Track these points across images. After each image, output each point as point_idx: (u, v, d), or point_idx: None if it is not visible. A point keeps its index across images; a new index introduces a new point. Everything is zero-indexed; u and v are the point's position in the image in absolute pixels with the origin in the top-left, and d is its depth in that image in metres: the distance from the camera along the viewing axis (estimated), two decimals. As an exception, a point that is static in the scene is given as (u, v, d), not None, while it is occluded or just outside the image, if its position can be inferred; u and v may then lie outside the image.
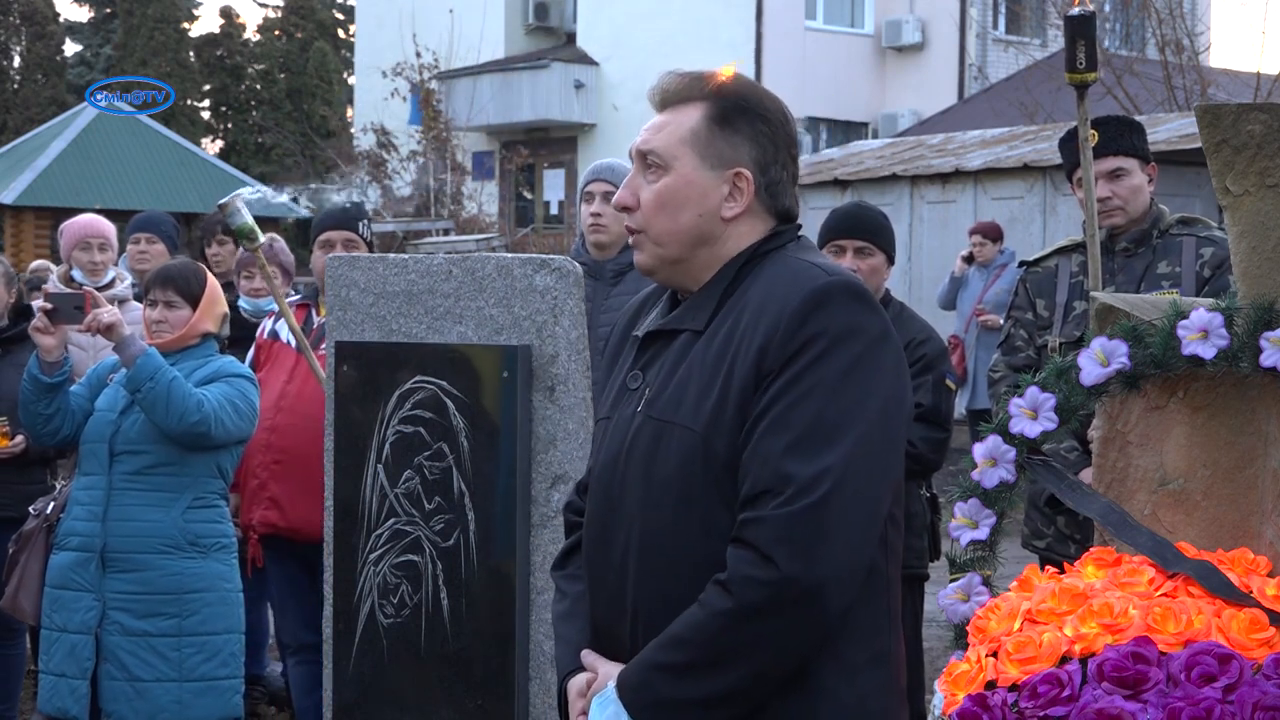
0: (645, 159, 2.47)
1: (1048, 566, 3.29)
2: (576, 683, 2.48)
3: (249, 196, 5.20)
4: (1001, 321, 5.45)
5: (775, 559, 2.21)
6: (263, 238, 5.38)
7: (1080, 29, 4.17)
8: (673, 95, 2.49)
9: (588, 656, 2.46)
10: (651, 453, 2.38)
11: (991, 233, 11.99)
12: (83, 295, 4.80)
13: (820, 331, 2.29)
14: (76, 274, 6.26)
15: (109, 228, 6.45)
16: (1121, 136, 4.84)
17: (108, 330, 4.67)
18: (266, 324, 5.53)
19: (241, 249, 6.29)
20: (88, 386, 4.93)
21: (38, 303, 4.83)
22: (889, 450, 2.33)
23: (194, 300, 4.84)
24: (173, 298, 4.83)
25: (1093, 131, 4.65)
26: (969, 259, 12.01)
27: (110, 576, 4.68)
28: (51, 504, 4.98)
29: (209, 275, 4.95)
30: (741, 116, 2.45)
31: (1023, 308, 4.97)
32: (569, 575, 2.62)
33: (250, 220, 5.14)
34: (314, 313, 5.39)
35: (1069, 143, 4.97)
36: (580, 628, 2.53)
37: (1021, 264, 5.21)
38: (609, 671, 2.39)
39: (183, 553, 4.71)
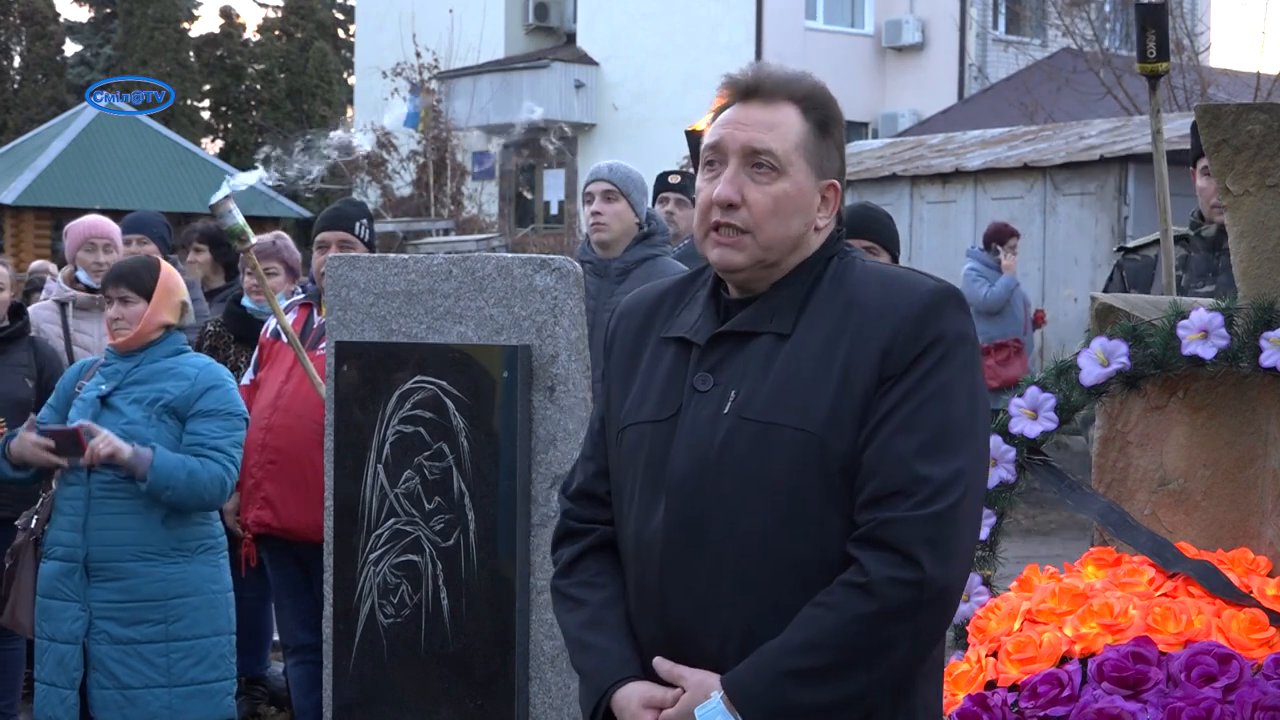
0: (756, 157, 2.41)
1: (1048, 566, 3.29)
2: (640, 693, 2.39)
3: (238, 185, 5.18)
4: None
5: (920, 560, 2.24)
6: (254, 239, 5.37)
7: (1150, 18, 4.08)
8: (763, 89, 2.44)
9: (664, 665, 2.38)
10: (751, 455, 2.34)
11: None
12: (75, 430, 4.69)
13: (940, 336, 2.33)
14: (82, 275, 6.26)
15: (114, 229, 6.44)
16: None
17: (109, 459, 4.64)
18: (270, 323, 5.52)
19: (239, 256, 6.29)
20: (55, 409, 4.91)
21: (32, 435, 4.72)
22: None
23: (147, 293, 4.79)
24: (126, 293, 4.80)
25: None
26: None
27: (95, 586, 4.68)
28: (35, 518, 4.96)
29: (164, 268, 4.91)
30: (834, 126, 2.46)
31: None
32: (582, 583, 2.53)
33: (241, 220, 5.14)
34: (315, 313, 5.38)
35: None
36: (615, 636, 2.45)
37: (1119, 249, 5.11)
38: (703, 681, 2.32)
39: (165, 558, 4.70)
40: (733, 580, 2.34)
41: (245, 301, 6.27)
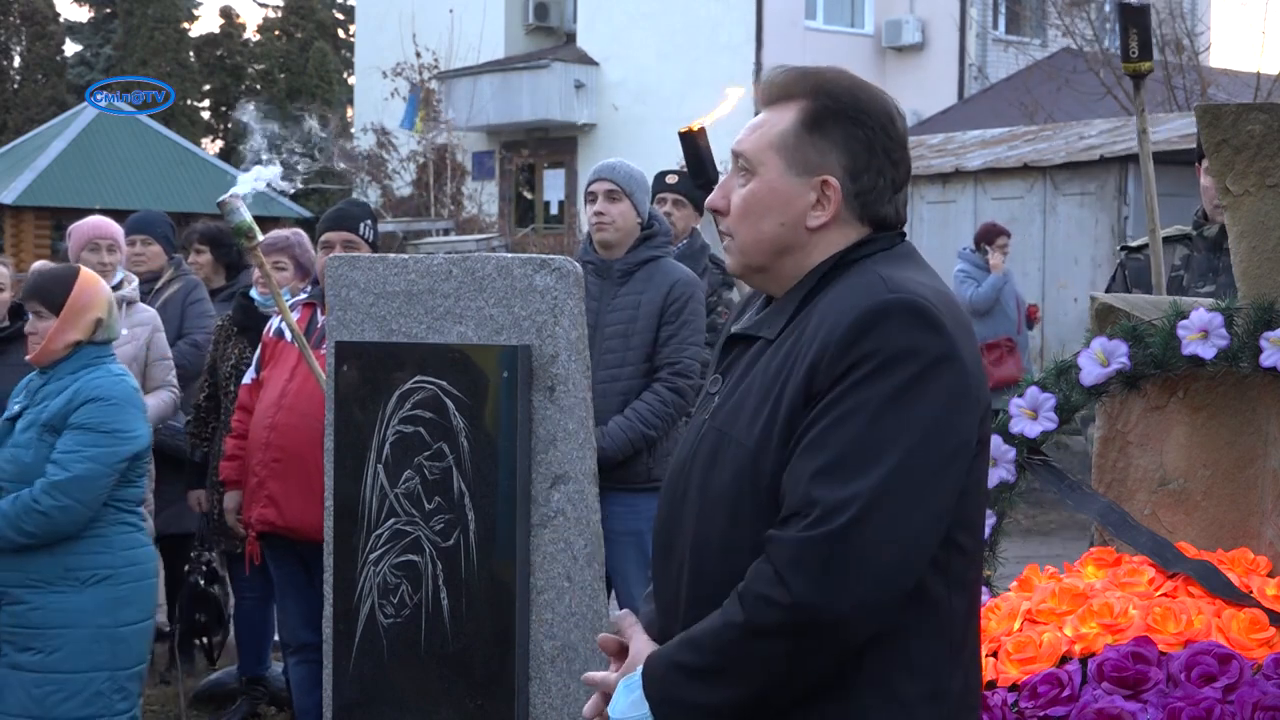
0: (737, 160, 2.39)
1: (1048, 566, 3.29)
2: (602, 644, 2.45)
3: (246, 190, 5.17)
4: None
5: (789, 583, 2.13)
6: (261, 237, 5.37)
7: (1134, 18, 4.12)
8: (777, 91, 2.39)
9: (626, 620, 2.40)
10: (710, 464, 2.32)
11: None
12: None
13: (872, 352, 2.18)
14: (85, 275, 6.25)
15: (117, 229, 6.44)
16: None
17: None
18: (273, 322, 5.53)
19: (275, 231, 6.29)
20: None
21: None
22: (935, 478, 2.20)
23: (56, 309, 4.67)
24: (39, 308, 4.70)
25: None
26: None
27: (3, 610, 4.62)
28: None
29: (81, 282, 4.76)
30: (834, 120, 2.33)
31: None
32: None
33: (248, 218, 5.13)
34: (318, 312, 5.38)
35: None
36: (647, 612, 2.49)
37: (1122, 248, 5.12)
38: (640, 651, 2.33)
39: (52, 586, 4.58)
40: (687, 586, 2.34)
41: (253, 293, 6.27)
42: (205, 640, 6.83)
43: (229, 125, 40.64)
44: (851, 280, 2.29)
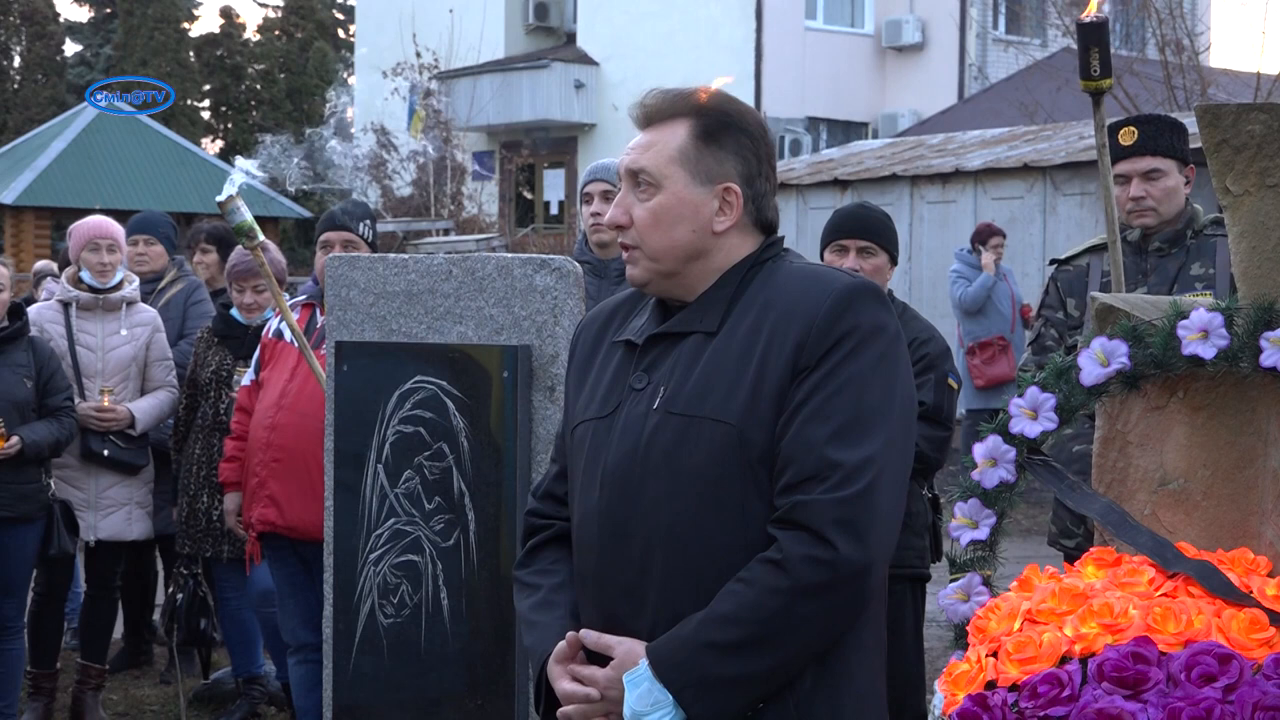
0: (636, 178, 2.58)
1: (1048, 566, 3.29)
2: (555, 653, 2.54)
3: (239, 181, 5.16)
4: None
5: (833, 540, 2.35)
6: (262, 236, 5.37)
7: (1093, 36, 4.16)
8: (656, 113, 2.61)
9: (590, 635, 2.51)
10: (675, 448, 2.47)
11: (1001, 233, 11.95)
12: None
13: (853, 328, 2.44)
14: (85, 275, 6.26)
15: (118, 229, 6.45)
16: (1161, 136, 4.81)
17: None
18: (272, 323, 5.53)
19: (239, 249, 6.29)
20: None
21: None
22: (909, 441, 2.51)
23: None
24: None
25: (1131, 129, 4.65)
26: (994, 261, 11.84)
27: None
28: None
29: None
30: (725, 132, 2.58)
31: (1053, 306, 4.96)
32: (539, 571, 2.70)
33: (249, 218, 5.13)
34: (317, 313, 5.38)
35: (1111, 137, 4.94)
36: (560, 614, 2.60)
37: (1053, 262, 5.18)
38: (631, 649, 2.45)
39: None
40: (659, 567, 2.46)
41: (233, 313, 6.29)
42: (203, 649, 6.80)
43: (229, 125, 40.66)
44: (789, 272, 2.55)
